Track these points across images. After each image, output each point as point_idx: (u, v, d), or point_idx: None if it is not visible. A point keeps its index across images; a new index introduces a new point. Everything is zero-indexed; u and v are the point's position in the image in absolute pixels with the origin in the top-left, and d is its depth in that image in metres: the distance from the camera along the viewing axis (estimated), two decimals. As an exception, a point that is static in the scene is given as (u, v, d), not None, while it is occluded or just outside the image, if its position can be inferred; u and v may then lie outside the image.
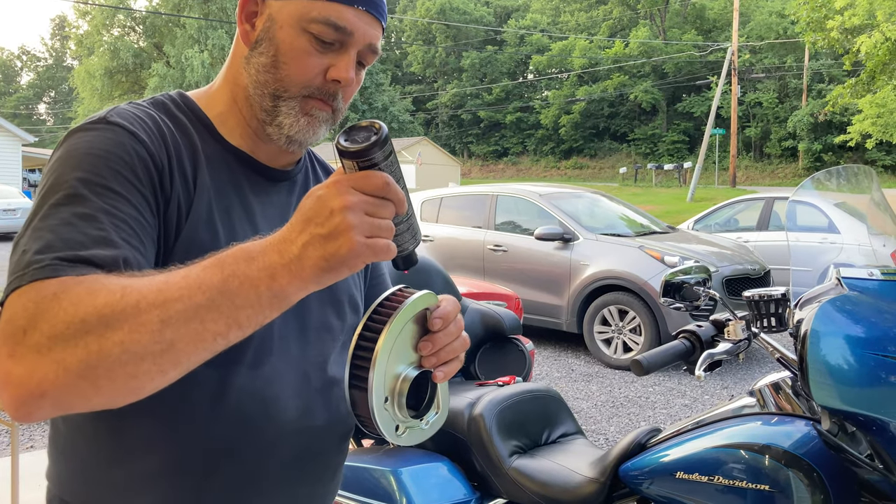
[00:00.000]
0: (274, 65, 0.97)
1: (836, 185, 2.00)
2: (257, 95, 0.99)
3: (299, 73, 0.96)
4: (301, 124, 0.99)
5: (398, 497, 2.04)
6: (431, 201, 8.54)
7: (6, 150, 25.00)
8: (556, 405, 2.35)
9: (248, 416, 0.97)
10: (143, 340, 0.70)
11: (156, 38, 44.61)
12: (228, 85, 1.04)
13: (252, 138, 1.03)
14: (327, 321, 1.06)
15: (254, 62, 0.99)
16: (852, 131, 22.45)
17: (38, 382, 0.69)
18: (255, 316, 0.75)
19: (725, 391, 5.88)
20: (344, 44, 0.96)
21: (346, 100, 1.02)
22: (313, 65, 0.96)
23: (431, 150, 35.55)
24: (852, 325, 1.42)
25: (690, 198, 26.87)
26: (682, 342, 1.85)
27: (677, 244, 7.09)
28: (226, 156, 1.02)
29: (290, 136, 0.99)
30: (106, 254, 0.79)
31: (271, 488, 1.01)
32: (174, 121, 0.99)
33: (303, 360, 1.03)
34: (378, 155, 0.77)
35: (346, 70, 0.97)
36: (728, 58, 29.29)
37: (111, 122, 0.90)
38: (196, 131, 1.00)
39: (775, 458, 1.55)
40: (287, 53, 0.96)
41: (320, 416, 1.04)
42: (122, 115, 0.93)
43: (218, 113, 1.03)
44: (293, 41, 0.96)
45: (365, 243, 0.74)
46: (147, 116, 0.95)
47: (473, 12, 57.49)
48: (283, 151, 1.04)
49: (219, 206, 0.97)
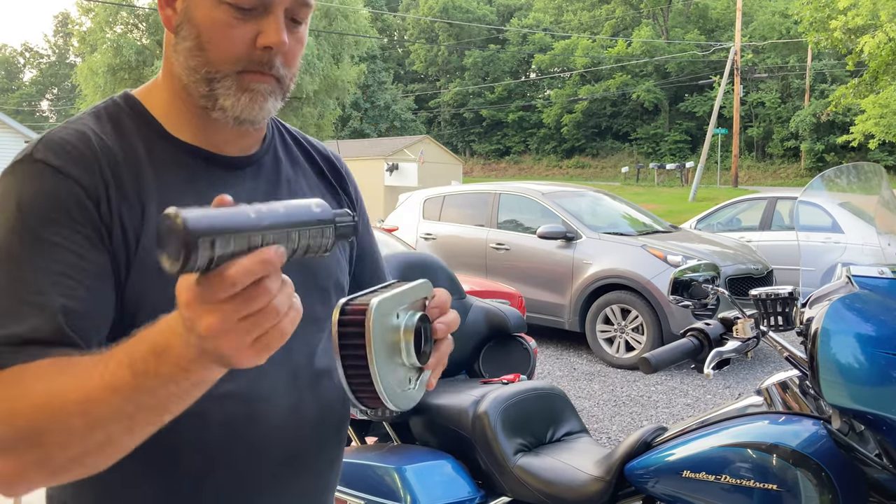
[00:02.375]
0: (199, 46, 0.91)
1: (845, 184, 1.99)
2: (192, 82, 0.93)
3: (225, 50, 0.90)
4: (243, 102, 0.92)
5: (402, 495, 2.04)
6: (434, 199, 8.53)
7: (9, 147, 25.00)
8: (561, 403, 2.35)
9: (237, 420, 0.94)
10: (76, 442, 0.72)
11: (158, 36, 44.57)
12: (167, 77, 0.98)
13: (202, 129, 0.97)
14: (312, 311, 0.99)
15: (180, 48, 0.93)
16: (855, 132, 22.41)
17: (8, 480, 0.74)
18: (181, 402, 0.72)
19: (728, 391, 5.87)
20: (267, 5, 0.89)
21: (289, 63, 0.94)
22: (238, 36, 0.89)
23: (433, 149, 35.49)
24: (863, 323, 1.42)
25: (692, 197, 26.83)
26: (690, 340, 1.84)
27: (680, 243, 7.08)
28: (177, 155, 0.96)
29: (237, 117, 0.93)
30: (46, 326, 0.79)
31: (268, 486, 0.99)
32: (117, 130, 0.93)
33: (288, 356, 0.98)
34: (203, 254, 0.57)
35: (275, 34, 0.89)
36: (731, 57, 29.24)
37: (37, 161, 0.86)
38: (141, 136, 0.95)
39: (783, 457, 1.55)
40: (208, 31, 0.90)
41: (311, 411, 1.02)
42: (51, 146, 0.88)
43: (162, 109, 0.98)
44: (211, 16, 0.89)
45: (255, 349, 0.64)
46: (79, 139, 0.89)
47: (476, 11, 57.43)
48: (239, 135, 0.99)
49: None
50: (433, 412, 2.26)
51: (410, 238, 8.19)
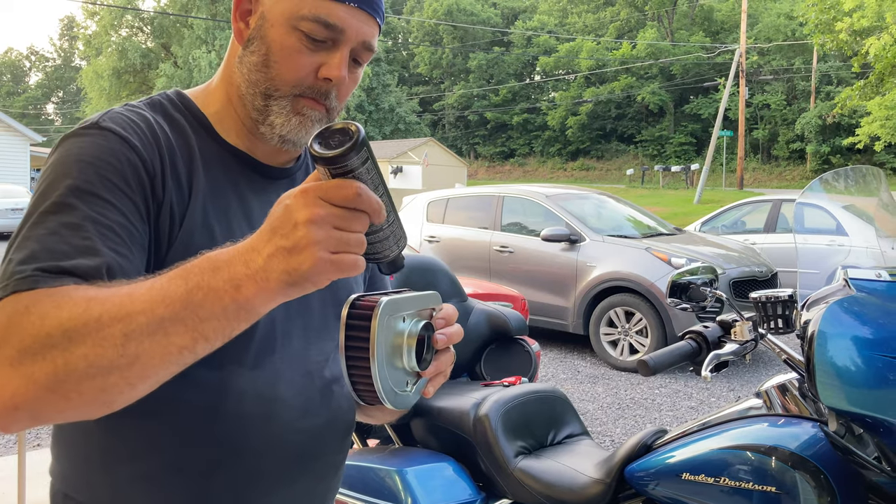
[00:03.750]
0: (265, 63, 0.96)
1: (844, 187, 1.99)
2: (249, 94, 0.98)
3: (290, 72, 0.95)
4: (293, 124, 0.98)
5: (403, 497, 2.04)
6: (438, 202, 8.54)
7: (15, 150, 25.13)
8: (562, 406, 2.35)
9: (250, 416, 0.97)
10: (107, 354, 0.70)
11: (163, 39, 44.77)
12: (224, 84, 1.03)
13: (249, 137, 1.03)
14: (328, 321, 1.06)
15: (246, 61, 0.98)
16: (861, 133, 22.37)
17: (10, 396, 0.70)
18: (222, 328, 0.73)
19: (732, 393, 5.86)
20: (336, 41, 0.95)
21: (341, 98, 1.00)
22: (304, 63, 0.95)
23: (438, 151, 35.56)
24: (860, 326, 1.42)
25: (698, 200, 26.81)
26: (688, 343, 1.84)
27: (684, 246, 7.08)
28: (223, 155, 1.01)
29: (283, 136, 0.99)
30: (89, 264, 0.79)
31: (274, 487, 1.01)
32: (170, 122, 0.98)
33: (305, 359, 1.03)
34: (353, 161, 0.71)
35: (337, 68, 0.95)
36: (736, 59, 29.22)
37: (103, 128, 0.90)
38: (193, 131, 0.99)
39: (782, 459, 1.55)
40: (278, 52, 0.95)
41: (322, 415, 1.05)
42: (115, 119, 0.92)
43: (215, 111, 1.03)
44: (284, 39, 0.95)
45: (329, 260, 0.70)
46: (141, 119, 0.94)
47: (480, 13, 57.48)
48: (279, 150, 1.03)
49: (215, 207, 0.97)
50: (434, 414, 2.27)
51: (414, 241, 8.21)
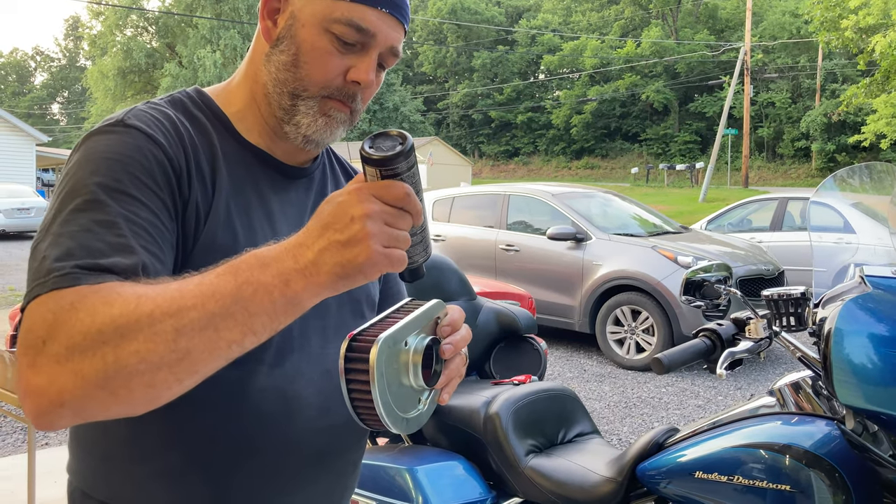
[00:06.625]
0: (294, 63, 0.96)
1: (858, 184, 1.98)
2: (276, 94, 0.98)
3: (319, 73, 0.96)
4: (319, 124, 0.98)
5: (414, 495, 2.04)
6: (443, 201, 8.53)
7: (20, 150, 25.18)
8: (572, 404, 2.34)
9: (270, 414, 0.97)
10: (158, 350, 0.70)
11: (168, 39, 44.84)
12: (248, 81, 1.03)
13: (270, 136, 1.03)
14: (345, 322, 1.07)
15: (274, 60, 0.98)
16: (866, 131, 22.31)
17: (57, 392, 0.70)
18: (270, 323, 0.75)
19: (739, 392, 5.85)
20: (366, 45, 0.96)
21: (364, 101, 1.01)
22: (334, 65, 0.95)
23: (442, 150, 35.57)
24: (876, 323, 1.41)
25: (703, 198, 26.76)
26: (702, 341, 1.83)
27: (690, 244, 7.06)
28: (244, 153, 1.01)
29: (308, 136, 0.99)
30: (125, 262, 0.79)
31: (292, 484, 1.01)
32: (192, 119, 0.98)
33: (323, 357, 1.03)
34: (402, 165, 0.77)
35: (366, 72, 0.96)
36: (741, 57, 29.14)
37: (129, 125, 0.90)
38: (214, 129, 0.99)
39: (796, 457, 1.54)
40: (308, 53, 0.95)
41: (341, 413, 1.04)
42: (140, 117, 0.92)
43: (236, 110, 1.03)
44: (315, 41, 0.95)
45: (382, 252, 0.74)
46: (164, 117, 0.94)
47: (484, 12, 57.46)
48: (300, 149, 1.04)
49: (237, 205, 0.97)
50: (444, 413, 2.26)
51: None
